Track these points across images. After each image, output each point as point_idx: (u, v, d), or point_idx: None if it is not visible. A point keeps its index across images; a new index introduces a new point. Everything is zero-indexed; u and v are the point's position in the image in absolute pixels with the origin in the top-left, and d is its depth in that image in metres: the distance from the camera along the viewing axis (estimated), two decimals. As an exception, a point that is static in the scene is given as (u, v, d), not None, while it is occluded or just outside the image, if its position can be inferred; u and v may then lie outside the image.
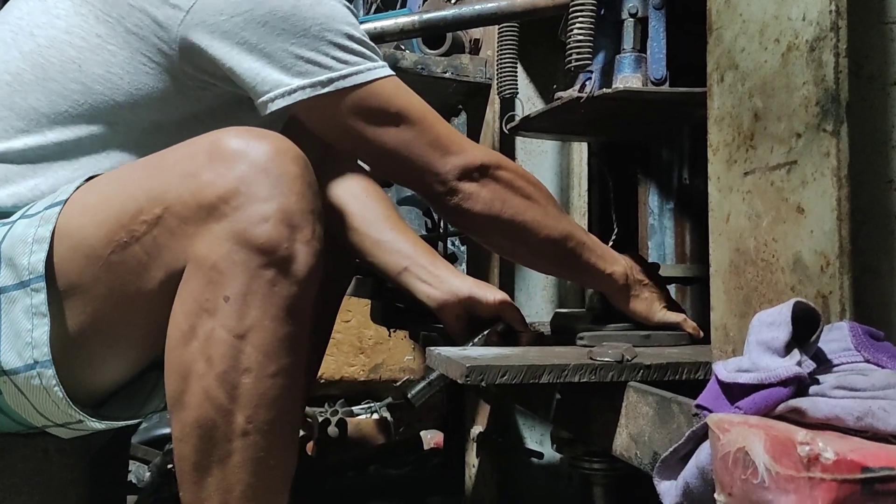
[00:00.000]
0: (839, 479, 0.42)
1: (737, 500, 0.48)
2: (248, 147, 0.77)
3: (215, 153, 0.77)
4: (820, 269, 0.59)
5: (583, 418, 0.91)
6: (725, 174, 0.70)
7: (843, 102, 0.58)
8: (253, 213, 0.74)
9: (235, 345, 0.75)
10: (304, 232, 0.76)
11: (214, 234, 0.75)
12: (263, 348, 0.75)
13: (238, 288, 0.74)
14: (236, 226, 0.74)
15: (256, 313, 0.75)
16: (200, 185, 0.76)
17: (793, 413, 0.50)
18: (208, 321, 0.75)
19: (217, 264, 0.74)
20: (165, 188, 0.77)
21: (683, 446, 0.58)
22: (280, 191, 0.76)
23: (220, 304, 0.74)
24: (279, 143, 0.78)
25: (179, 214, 0.76)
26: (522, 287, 1.49)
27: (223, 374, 0.75)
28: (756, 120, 0.66)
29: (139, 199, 0.78)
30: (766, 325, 0.54)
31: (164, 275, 0.78)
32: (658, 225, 1.37)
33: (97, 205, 0.81)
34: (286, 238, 0.75)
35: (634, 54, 1.05)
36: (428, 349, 0.92)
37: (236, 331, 0.74)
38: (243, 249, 0.74)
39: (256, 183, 0.75)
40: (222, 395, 0.75)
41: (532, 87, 1.49)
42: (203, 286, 0.75)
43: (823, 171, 0.59)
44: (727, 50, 0.70)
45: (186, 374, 0.76)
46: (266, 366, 0.76)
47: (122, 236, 0.78)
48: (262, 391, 0.76)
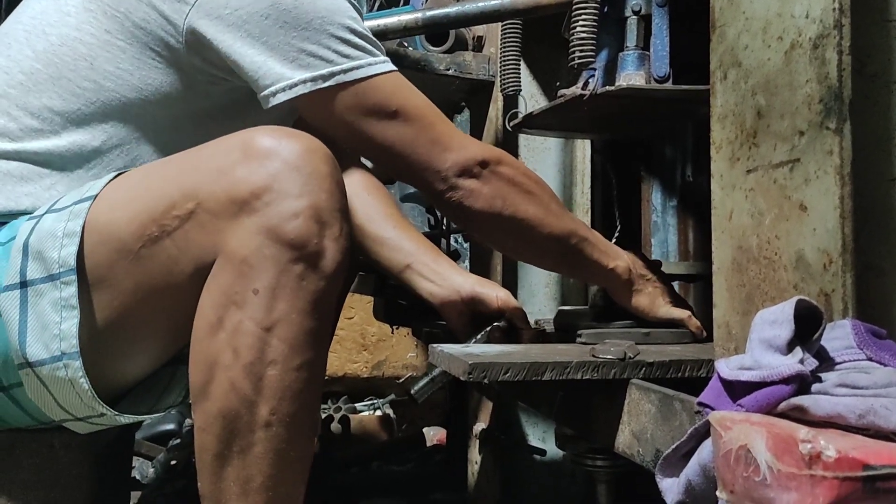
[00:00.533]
0: (841, 477, 0.42)
1: (738, 497, 0.48)
2: (279, 145, 0.79)
3: (248, 150, 0.79)
4: (822, 267, 0.59)
5: (585, 415, 0.91)
6: (728, 172, 0.70)
7: (846, 100, 0.58)
8: (284, 208, 0.76)
9: (263, 337, 0.76)
10: (333, 228, 0.78)
11: (246, 228, 0.76)
12: (290, 341, 0.77)
13: (267, 281, 0.76)
14: (268, 221, 0.76)
15: (284, 306, 0.76)
16: (233, 181, 0.77)
17: (795, 411, 0.50)
18: (237, 313, 0.76)
19: (248, 258, 0.76)
20: (198, 184, 0.79)
21: (685, 444, 0.58)
22: (311, 188, 0.77)
23: (249, 297, 0.76)
24: (310, 143, 0.80)
25: (212, 209, 0.78)
26: (525, 284, 1.49)
27: (249, 366, 0.76)
28: (759, 117, 0.66)
29: (171, 195, 0.79)
30: (768, 323, 0.54)
31: (192, 268, 0.80)
32: (661, 222, 1.37)
33: (128, 200, 0.83)
34: (316, 234, 0.77)
35: (638, 52, 1.04)
36: (431, 346, 0.93)
37: (264, 323, 0.76)
38: (274, 244, 0.76)
39: (288, 180, 0.77)
40: (247, 387, 0.76)
41: (535, 84, 1.49)
42: (233, 279, 0.77)
43: (826, 168, 0.59)
44: (730, 47, 0.69)
45: (213, 365, 0.77)
46: (292, 358, 0.77)
47: (154, 230, 0.80)
48: (286, 384, 0.77)
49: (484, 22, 1.40)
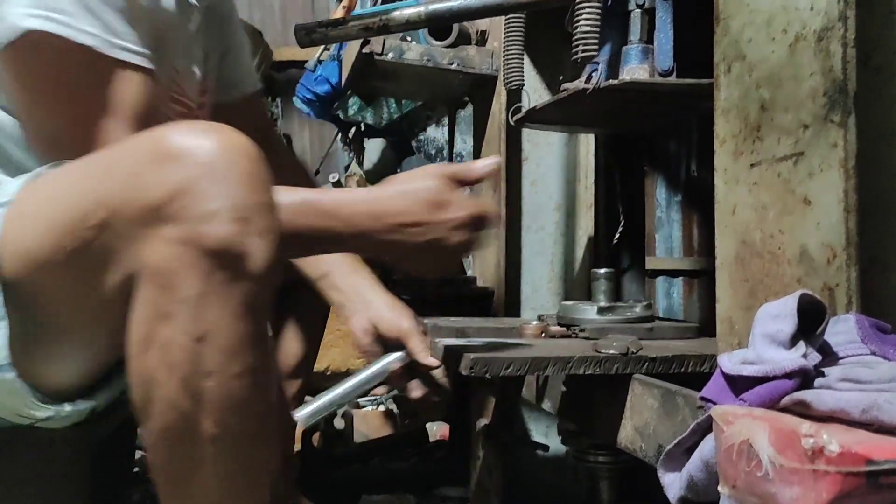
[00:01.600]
0: (844, 472, 0.42)
1: (740, 492, 0.48)
2: (192, 143, 0.74)
3: (158, 152, 0.74)
4: (826, 261, 0.59)
5: (588, 411, 0.91)
6: (732, 166, 0.69)
7: (850, 93, 0.57)
8: (200, 212, 0.71)
9: (195, 349, 0.72)
10: (256, 226, 0.73)
11: (163, 237, 0.72)
12: (225, 349, 0.72)
13: (193, 291, 0.71)
14: (185, 227, 0.71)
15: (214, 315, 0.72)
16: (144, 188, 0.72)
17: (798, 405, 0.50)
18: (165, 327, 0.72)
19: (168, 268, 0.71)
20: (109, 191, 0.75)
21: (688, 439, 0.58)
22: (227, 187, 0.72)
23: (176, 309, 0.71)
24: (226, 137, 0.75)
25: (126, 218, 0.73)
26: (528, 280, 1.49)
27: (185, 380, 0.72)
28: (763, 111, 0.65)
29: (83, 204, 0.75)
30: (771, 318, 0.54)
31: (121, 278, 0.75)
32: (665, 218, 1.36)
33: (42, 210, 0.78)
34: (238, 234, 0.72)
35: (641, 45, 1.04)
36: (433, 340, 0.92)
37: (195, 334, 0.71)
38: (194, 251, 0.71)
39: (203, 180, 0.72)
40: (187, 402, 0.72)
41: (539, 78, 1.48)
42: (157, 292, 0.72)
43: (830, 162, 0.58)
44: (734, 40, 0.69)
45: (149, 383, 0.73)
46: (229, 367, 0.73)
47: (72, 243, 0.75)
48: (227, 393, 0.73)
49: (487, 16, 1.40)
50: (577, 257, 1.52)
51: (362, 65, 1.47)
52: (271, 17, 4.19)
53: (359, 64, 1.47)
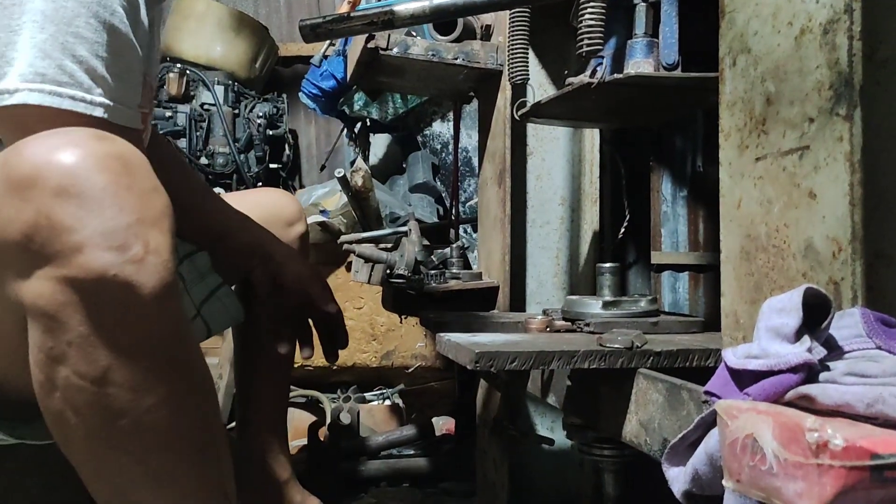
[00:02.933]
0: (848, 466, 0.42)
1: (745, 486, 0.48)
2: (44, 165, 0.64)
3: (10, 180, 0.65)
4: (832, 255, 0.59)
5: (593, 405, 0.91)
6: (737, 160, 0.69)
7: (856, 86, 0.57)
8: (63, 246, 0.63)
9: (96, 390, 0.66)
10: (133, 250, 0.65)
11: (35, 277, 0.65)
12: (129, 386, 0.66)
13: (77, 331, 0.64)
14: (51, 265, 0.64)
15: (107, 352, 0.65)
16: (2, 224, 0.65)
17: (802, 400, 0.50)
18: (61, 369, 0.66)
19: (47, 310, 0.64)
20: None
21: (692, 433, 0.58)
22: (89, 210, 0.64)
23: (66, 351, 0.65)
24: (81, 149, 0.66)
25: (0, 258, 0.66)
26: (533, 274, 1.49)
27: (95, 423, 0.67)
28: (768, 104, 0.65)
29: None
30: (776, 312, 0.54)
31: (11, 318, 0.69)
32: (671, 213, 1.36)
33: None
34: (112, 264, 0.64)
35: (646, 39, 1.03)
36: (438, 335, 0.93)
37: (91, 375, 0.65)
38: (67, 289, 0.64)
39: (56, 209, 0.63)
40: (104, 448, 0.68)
41: (544, 73, 1.48)
42: (43, 335, 0.66)
43: (836, 155, 0.58)
44: (739, 33, 0.69)
45: (62, 426, 0.69)
46: (140, 402, 0.66)
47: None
48: (145, 429, 0.67)
49: (492, 10, 1.39)
50: (583, 252, 1.52)
51: (367, 60, 1.47)
52: (277, 12, 4.19)
53: (364, 59, 1.47)
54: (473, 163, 2.70)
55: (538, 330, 1.02)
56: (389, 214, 2.53)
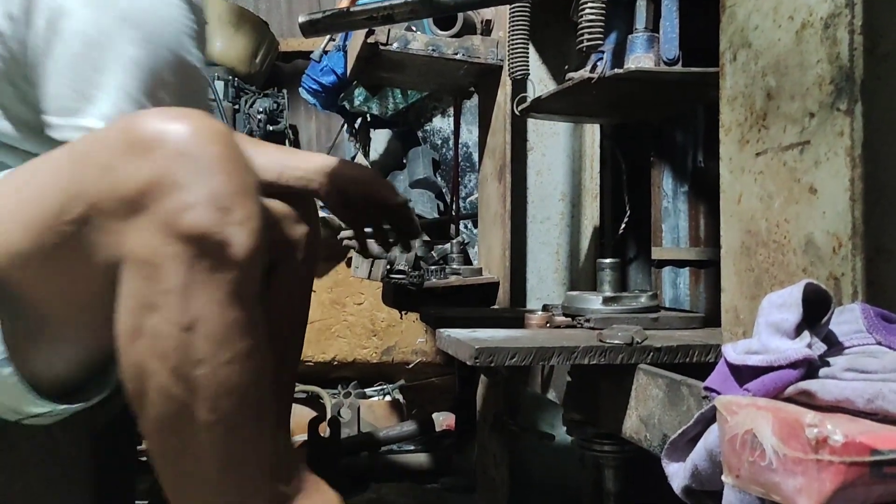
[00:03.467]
0: (847, 462, 0.42)
1: (744, 482, 0.48)
2: (164, 131, 0.72)
3: (131, 141, 0.72)
4: (832, 251, 0.58)
5: (593, 400, 0.91)
6: (737, 155, 0.69)
7: (857, 81, 0.57)
8: (178, 202, 0.71)
9: (184, 337, 0.72)
10: (235, 213, 0.72)
11: (142, 228, 0.71)
12: (214, 337, 0.72)
13: (177, 280, 0.71)
14: (163, 218, 0.71)
15: (200, 303, 0.72)
16: (119, 179, 0.72)
17: (802, 395, 0.50)
18: (153, 316, 0.72)
19: (150, 259, 0.71)
20: (85, 184, 0.74)
21: (692, 428, 0.58)
22: (203, 174, 0.72)
23: (162, 299, 0.71)
24: (198, 123, 0.74)
25: (104, 211, 0.73)
26: (534, 270, 1.49)
27: (177, 369, 0.72)
28: (769, 99, 0.65)
29: (60, 199, 0.74)
30: (776, 307, 0.53)
31: (103, 270, 0.75)
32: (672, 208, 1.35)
33: (18, 208, 0.78)
34: (217, 223, 0.71)
35: (647, 34, 1.03)
36: (438, 331, 0.93)
37: (182, 323, 0.72)
38: (175, 241, 0.71)
39: (177, 170, 0.71)
40: (179, 390, 0.73)
41: (544, 68, 1.47)
42: (141, 282, 0.72)
43: (837, 150, 0.58)
44: (740, 28, 0.68)
45: (141, 374, 0.74)
46: (219, 354, 0.73)
47: (52, 239, 0.75)
48: (219, 380, 0.73)
49: (492, 5, 1.39)
50: (583, 247, 1.51)
51: (367, 55, 1.47)
52: (277, 7, 4.18)
53: (364, 54, 1.47)
54: (474, 158, 2.69)
55: (538, 325, 1.02)
56: (390, 210, 2.52)
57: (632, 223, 1.39)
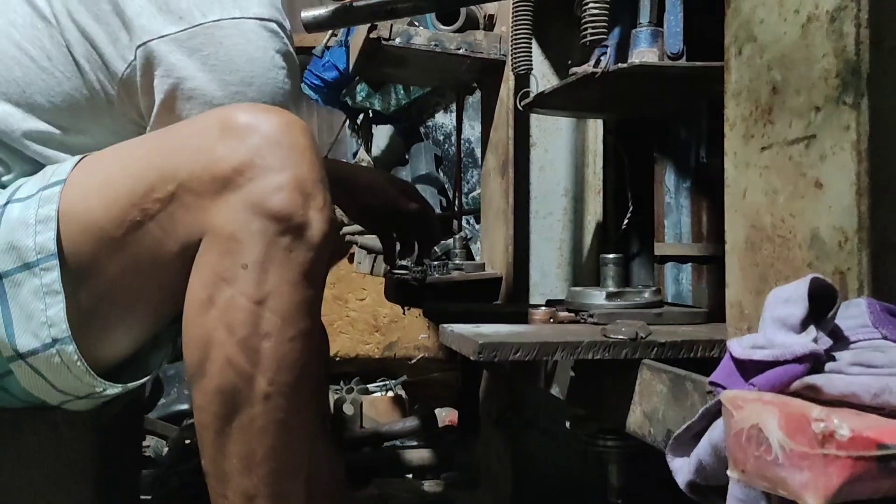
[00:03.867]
0: (854, 456, 0.42)
1: (750, 476, 0.47)
2: (257, 120, 0.78)
3: (226, 127, 0.78)
4: (838, 245, 0.58)
5: (596, 396, 0.91)
6: (742, 149, 0.69)
7: (863, 75, 0.57)
8: (268, 183, 0.76)
9: (255, 311, 0.76)
10: (317, 199, 0.78)
11: (231, 205, 0.76)
12: (282, 313, 0.77)
13: (256, 255, 0.76)
14: (252, 196, 0.76)
15: (274, 279, 0.76)
16: (214, 159, 0.77)
17: (808, 390, 0.49)
18: (227, 289, 0.76)
19: (235, 234, 0.76)
20: (177, 164, 0.78)
21: (697, 423, 0.58)
22: (292, 161, 0.77)
23: (239, 272, 0.76)
24: (287, 116, 0.80)
25: (195, 189, 0.78)
26: (537, 265, 1.49)
27: (244, 340, 0.76)
28: (774, 93, 0.65)
29: (150, 177, 0.79)
30: (781, 302, 0.53)
31: (179, 248, 0.80)
32: (675, 204, 1.35)
33: (103, 185, 0.82)
34: (300, 206, 0.77)
35: (651, 28, 1.03)
36: (441, 326, 0.92)
37: (255, 297, 0.76)
38: (260, 218, 0.76)
39: (269, 154, 0.77)
40: (244, 361, 0.77)
41: (547, 63, 1.47)
42: (221, 256, 0.77)
43: (843, 145, 0.58)
44: (745, 21, 0.68)
45: (207, 343, 0.77)
46: (286, 330, 0.77)
47: (136, 215, 0.79)
48: (282, 354, 0.77)
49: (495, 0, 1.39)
50: (586, 243, 1.51)
51: (370, 50, 1.46)
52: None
53: (366, 49, 1.47)
54: (476, 154, 2.69)
55: (542, 321, 1.02)
56: (392, 206, 2.52)
57: (635, 219, 1.39)
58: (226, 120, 0.79)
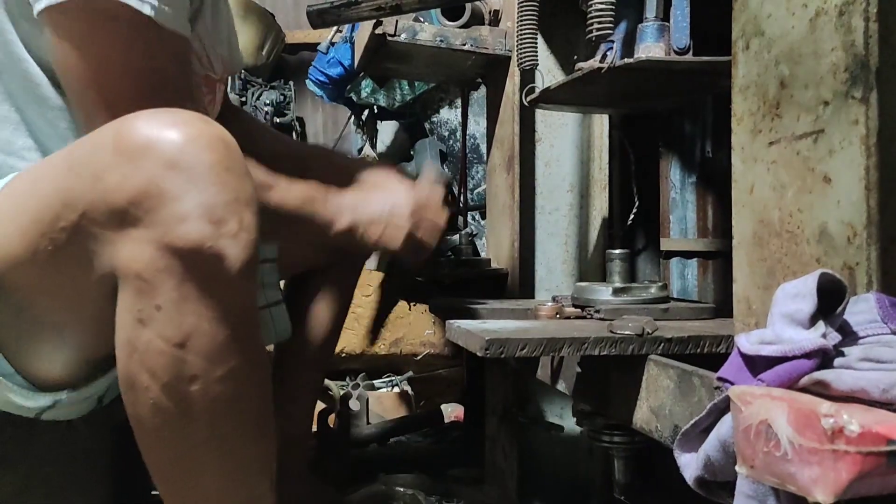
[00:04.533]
0: (864, 452, 0.42)
1: (759, 472, 0.47)
2: (154, 138, 0.69)
3: (120, 149, 0.70)
4: (846, 240, 0.58)
5: (603, 391, 0.91)
6: (750, 144, 0.69)
7: (872, 69, 0.56)
8: (168, 214, 0.68)
9: (176, 354, 0.70)
10: (228, 225, 0.70)
11: (133, 240, 0.69)
12: (206, 354, 0.71)
13: (168, 295, 0.69)
14: (154, 230, 0.68)
15: (192, 319, 0.70)
16: (108, 189, 0.69)
17: (817, 385, 0.49)
18: (144, 332, 0.70)
19: (141, 273, 0.69)
20: (76, 192, 0.71)
21: (705, 419, 0.58)
22: (195, 185, 0.69)
23: (154, 314, 0.69)
24: (191, 129, 0.71)
25: (96, 221, 0.71)
26: (542, 261, 1.49)
27: (169, 386, 0.71)
28: (782, 88, 0.64)
29: (54, 206, 0.73)
30: (790, 297, 0.53)
31: (98, 278, 0.74)
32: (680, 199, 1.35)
33: (16, 212, 0.77)
34: (210, 236, 0.69)
35: (657, 23, 1.02)
36: (447, 322, 0.92)
37: (175, 339, 0.70)
38: (166, 255, 0.68)
39: (167, 180, 0.68)
40: (172, 407, 0.72)
41: (553, 58, 1.47)
42: (133, 297, 0.70)
43: (851, 139, 0.57)
44: (753, 16, 0.68)
45: (134, 387, 0.73)
46: (212, 370, 0.71)
47: (46, 244, 0.73)
48: (213, 397, 0.72)
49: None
50: (592, 238, 1.51)
51: (375, 46, 1.46)
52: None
53: (371, 45, 1.46)
54: (481, 149, 2.69)
55: (548, 317, 1.02)
56: (397, 202, 2.52)
57: (640, 214, 1.39)
58: (119, 139, 0.70)
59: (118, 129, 0.71)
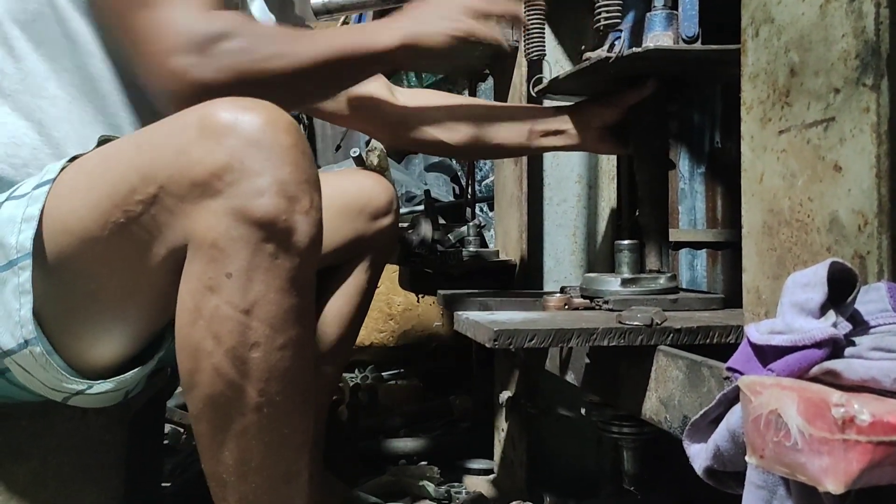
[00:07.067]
0: (875, 442, 0.41)
1: (769, 462, 0.47)
2: (237, 119, 0.75)
3: (204, 127, 0.75)
4: (857, 229, 0.58)
5: (612, 382, 0.91)
6: (759, 133, 0.68)
7: (883, 55, 0.56)
8: (248, 187, 0.73)
9: (242, 320, 0.74)
10: (301, 202, 0.75)
11: (212, 211, 0.73)
12: (270, 321, 0.75)
13: (240, 264, 0.73)
14: (233, 202, 0.73)
15: (260, 287, 0.74)
16: (192, 162, 0.74)
17: (827, 375, 0.49)
18: (213, 299, 0.74)
19: (217, 242, 0.73)
20: (157, 166, 0.76)
21: (714, 409, 0.57)
22: (273, 163, 0.74)
23: (224, 281, 0.74)
24: (269, 114, 0.76)
25: (175, 193, 0.75)
26: (551, 252, 1.48)
27: (232, 350, 0.74)
28: (792, 76, 0.64)
29: (131, 179, 0.77)
30: (800, 287, 0.53)
31: (166, 251, 0.78)
32: (689, 189, 1.35)
33: (88, 186, 0.80)
34: (284, 210, 0.74)
35: (665, 11, 1.01)
36: (456, 314, 0.92)
37: (241, 306, 0.74)
38: (242, 225, 0.73)
39: (249, 156, 0.73)
40: (232, 371, 0.75)
41: (560, 49, 1.46)
42: (205, 264, 0.74)
43: (862, 127, 0.57)
44: (762, 3, 0.67)
45: (196, 353, 0.76)
46: (274, 339, 0.75)
47: (118, 217, 0.77)
48: (271, 364, 0.76)
49: (507, -15, 1.37)
50: (600, 229, 1.51)
51: (381, 37, 1.45)
52: (289, -9, 4.16)
53: (378, 37, 1.46)
54: (489, 141, 2.68)
55: (556, 308, 1.02)
56: (405, 193, 2.53)
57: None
58: (204, 119, 0.75)
59: (203, 111, 0.76)
